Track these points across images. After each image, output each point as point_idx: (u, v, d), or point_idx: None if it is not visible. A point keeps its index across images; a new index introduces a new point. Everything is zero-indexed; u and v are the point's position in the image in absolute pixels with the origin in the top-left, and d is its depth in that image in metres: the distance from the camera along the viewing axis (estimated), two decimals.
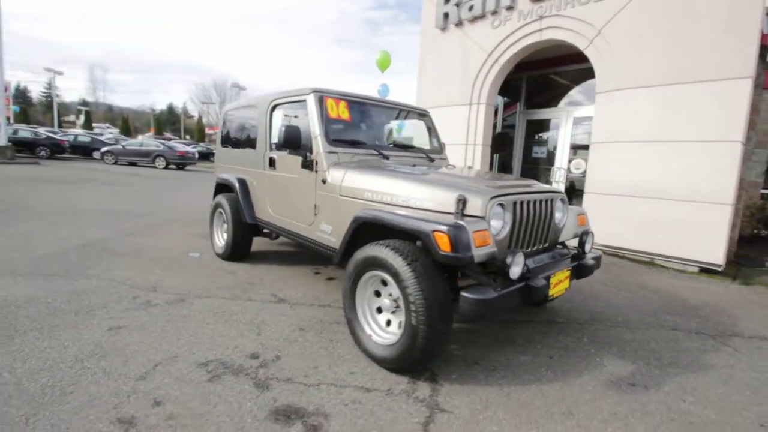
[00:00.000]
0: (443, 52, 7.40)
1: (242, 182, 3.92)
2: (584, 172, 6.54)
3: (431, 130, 3.89)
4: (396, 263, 2.04)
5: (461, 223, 1.94)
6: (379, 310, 2.35)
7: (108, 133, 36.60)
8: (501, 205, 2.17)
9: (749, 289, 4.17)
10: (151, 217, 6.29)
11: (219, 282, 3.43)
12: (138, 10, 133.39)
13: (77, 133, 25.58)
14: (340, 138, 3.04)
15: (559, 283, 2.35)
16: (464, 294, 1.88)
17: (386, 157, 3.15)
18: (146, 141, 20.55)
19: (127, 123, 50.59)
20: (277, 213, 3.47)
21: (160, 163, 17.93)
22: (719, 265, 4.52)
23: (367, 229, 2.44)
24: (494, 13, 6.51)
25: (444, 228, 1.92)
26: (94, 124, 48.73)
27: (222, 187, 4.35)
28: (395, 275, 2.05)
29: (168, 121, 60.57)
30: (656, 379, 2.25)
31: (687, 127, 4.66)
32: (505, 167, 8.26)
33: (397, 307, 2.22)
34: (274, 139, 3.50)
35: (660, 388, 2.16)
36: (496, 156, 8.07)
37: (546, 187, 2.70)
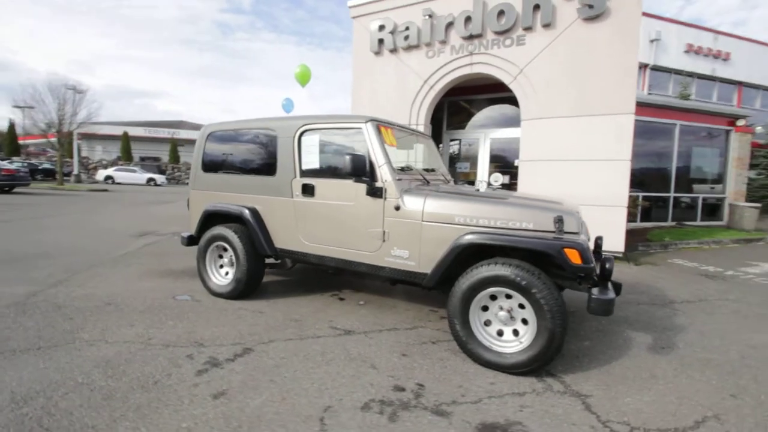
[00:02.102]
0: (379, 75, 7.82)
1: (254, 211, 3.59)
2: (502, 184, 7.78)
3: (434, 153, 4.24)
4: (526, 278, 2.34)
5: (582, 238, 2.37)
6: (487, 323, 2.59)
7: None
8: (582, 222, 2.68)
9: (647, 268, 5.71)
10: (58, 259, 5.00)
11: (260, 325, 3.10)
12: None
13: None
14: (396, 165, 3.16)
15: None
16: (598, 296, 2.30)
17: (428, 182, 3.39)
18: None
19: None
20: (316, 242, 3.32)
21: None
22: (621, 252, 6.04)
23: (465, 252, 2.65)
24: (428, 44, 7.25)
25: (573, 244, 2.32)
26: None
27: (215, 218, 3.86)
28: (524, 289, 2.35)
29: None
30: (669, 341, 3.06)
31: (594, 149, 6.10)
32: None
33: (512, 318, 2.51)
34: (309, 165, 3.36)
35: (677, 345, 2.97)
36: None
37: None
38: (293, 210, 3.41)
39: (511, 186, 7.70)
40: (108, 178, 26.46)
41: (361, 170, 2.92)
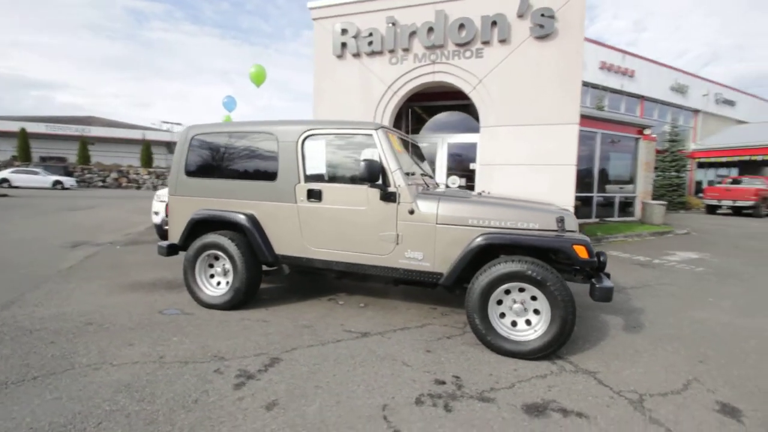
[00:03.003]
0: (342, 79, 7.84)
1: (252, 218, 3.48)
2: (459, 186, 8.26)
3: (422, 157, 4.44)
4: (541, 273, 2.62)
5: (586, 237, 2.71)
6: (501, 316, 2.84)
7: None
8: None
9: None
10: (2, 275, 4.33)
11: (273, 334, 3.03)
12: None
13: None
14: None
15: None
16: (602, 285, 2.65)
17: (428, 186, 3.58)
18: None
19: None
20: (323, 247, 3.32)
21: None
22: None
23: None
24: (392, 51, 7.46)
25: (581, 241, 2.64)
26: None
27: (204, 226, 3.66)
28: (540, 283, 2.63)
29: None
30: (636, 321, 3.57)
31: (545, 155, 6.76)
32: None
33: (525, 309, 2.78)
34: (314, 170, 3.35)
35: (643, 324, 3.48)
36: None
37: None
38: (297, 215, 3.37)
39: (468, 189, 8.20)
40: (3, 181, 22.81)
41: (376, 176, 3.00)
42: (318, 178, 3.35)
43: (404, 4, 7.24)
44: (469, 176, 8.18)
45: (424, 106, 9.30)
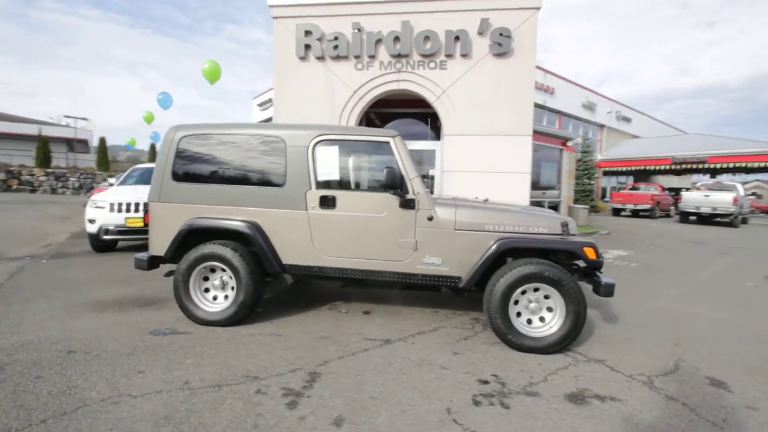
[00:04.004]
0: (305, 82, 7.66)
1: (256, 226, 3.28)
2: None
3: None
4: (557, 274, 2.88)
5: (592, 240, 3.02)
6: (518, 315, 3.05)
7: None
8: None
9: None
10: None
11: (295, 348, 2.90)
12: None
13: None
14: None
15: None
16: (606, 282, 2.97)
17: (432, 191, 3.70)
18: None
19: None
20: (337, 255, 3.25)
21: None
22: None
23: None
24: (358, 57, 7.48)
25: (590, 243, 2.95)
26: None
27: (198, 236, 3.35)
28: (556, 282, 2.88)
29: None
30: (609, 313, 4.05)
31: (502, 163, 7.29)
32: None
33: (539, 308, 3.02)
34: (326, 177, 3.27)
35: (616, 315, 3.96)
36: None
37: None
38: (308, 223, 3.26)
39: None
40: None
41: (398, 183, 3.04)
42: (331, 184, 3.28)
43: (370, 11, 7.33)
44: (427, 183, 8.50)
45: (379, 113, 9.43)
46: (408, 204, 3.14)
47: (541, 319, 3.03)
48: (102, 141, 26.33)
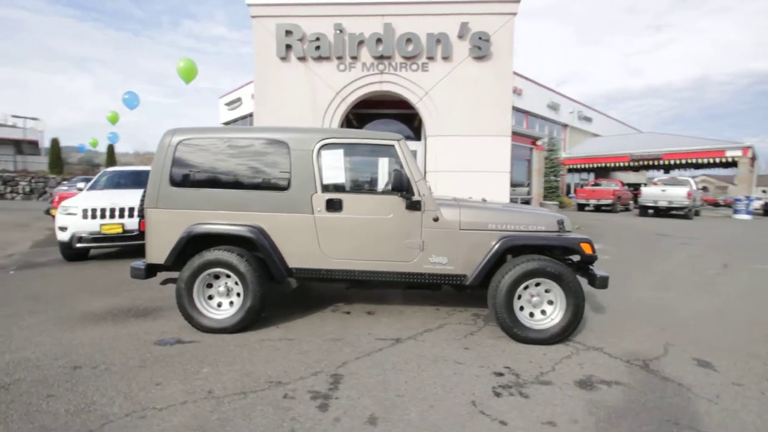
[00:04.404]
0: (286, 82, 7.58)
1: (262, 231, 3.26)
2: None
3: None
4: (558, 269, 3.05)
5: (587, 236, 3.21)
6: (521, 309, 3.20)
7: None
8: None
9: None
10: None
11: (310, 351, 2.91)
12: None
13: None
14: None
15: None
16: (602, 275, 3.17)
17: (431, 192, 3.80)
18: None
19: None
20: (344, 257, 3.28)
21: None
22: None
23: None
24: (340, 58, 7.48)
25: (586, 239, 3.14)
26: None
27: (199, 242, 3.28)
28: (558, 277, 3.06)
29: None
30: (595, 303, 4.31)
31: (483, 163, 7.53)
32: None
33: (540, 301, 3.19)
34: (332, 180, 3.29)
35: (602, 305, 4.22)
36: None
37: None
38: (314, 226, 3.27)
39: None
40: None
41: (406, 185, 3.12)
42: (337, 187, 3.30)
43: (352, 12, 7.35)
44: None
45: (356, 114, 9.46)
46: (414, 206, 3.22)
47: (543, 312, 3.20)
48: (55, 142, 24.74)
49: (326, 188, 3.29)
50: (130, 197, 6.52)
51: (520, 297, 3.18)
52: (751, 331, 3.47)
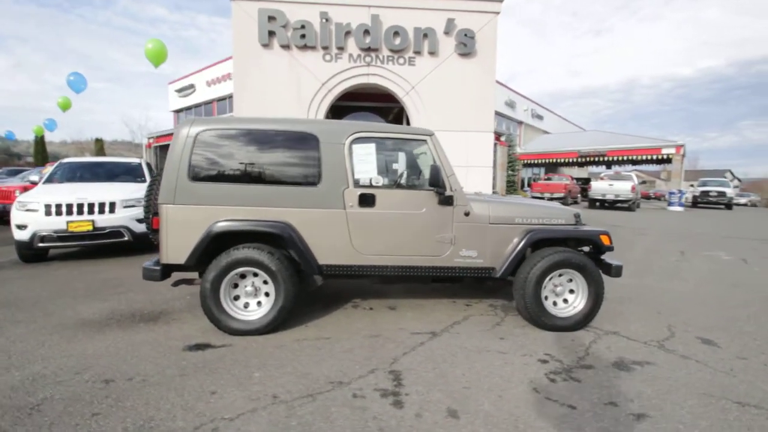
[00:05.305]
0: (269, 70, 7.25)
1: (292, 228, 3.13)
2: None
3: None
4: (581, 260, 3.25)
5: (605, 228, 3.45)
6: (546, 298, 3.37)
7: None
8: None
9: None
10: None
11: (354, 349, 2.87)
12: None
13: None
14: None
15: None
16: (617, 264, 3.42)
17: None
18: None
19: None
20: (377, 253, 3.25)
21: None
22: None
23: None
24: (326, 48, 7.29)
25: (605, 231, 3.37)
26: None
27: (223, 239, 3.09)
28: (582, 267, 3.26)
29: None
30: None
31: (468, 157, 7.73)
32: None
33: (563, 290, 3.38)
34: (364, 174, 3.24)
35: None
36: None
37: None
38: (346, 222, 3.21)
39: None
40: None
41: (441, 181, 3.15)
42: (369, 182, 3.26)
43: (339, 1, 7.18)
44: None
45: (334, 106, 9.31)
46: (447, 201, 3.26)
47: (565, 301, 3.40)
48: None
49: (358, 183, 3.23)
50: (100, 191, 5.96)
51: (544, 287, 3.35)
52: (729, 312, 3.92)
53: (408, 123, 7.94)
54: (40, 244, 5.44)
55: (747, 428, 2.03)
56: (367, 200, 3.21)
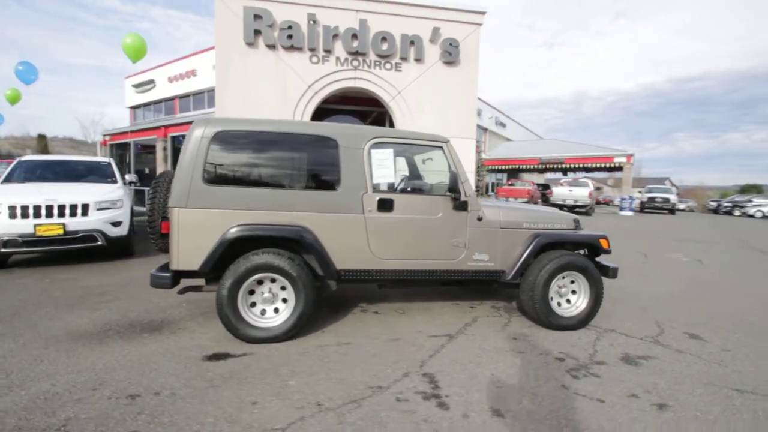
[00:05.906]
0: (253, 70, 7.07)
1: (310, 233, 3.09)
2: None
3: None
4: (584, 262, 3.47)
5: (604, 233, 3.69)
6: (551, 299, 3.56)
7: None
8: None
9: None
10: None
11: (381, 354, 2.88)
12: None
13: None
14: None
15: None
16: (613, 266, 3.66)
17: None
18: None
19: None
20: (394, 257, 3.28)
21: None
22: None
23: None
24: (313, 50, 7.22)
25: (603, 236, 3.61)
26: None
27: (246, 243, 2.99)
28: (585, 270, 3.47)
29: None
30: None
31: None
32: None
33: (566, 291, 3.58)
34: (383, 179, 3.26)
35: None
36: None
37: None
38: (364, 227, 3.21)
39: None
40: None
41: (458, 187, 3.24)
42: (388, 187, 3.28)
43: (327, 4, 7.15)
44: None
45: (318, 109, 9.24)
46: (462, 206, 3.36)
47: (567, 302, 3.60)
48: None
49: (377, 188, 3.25)
50: (71, 192, 5.53)
51: (550, 289, 3.53)
52: (703, 309, 4.32)
53: (393, 127, 8.06)
54: (3, 250, 4.96)
55: (752, 411, 2.27)
56: (385, 205, 3.23)
